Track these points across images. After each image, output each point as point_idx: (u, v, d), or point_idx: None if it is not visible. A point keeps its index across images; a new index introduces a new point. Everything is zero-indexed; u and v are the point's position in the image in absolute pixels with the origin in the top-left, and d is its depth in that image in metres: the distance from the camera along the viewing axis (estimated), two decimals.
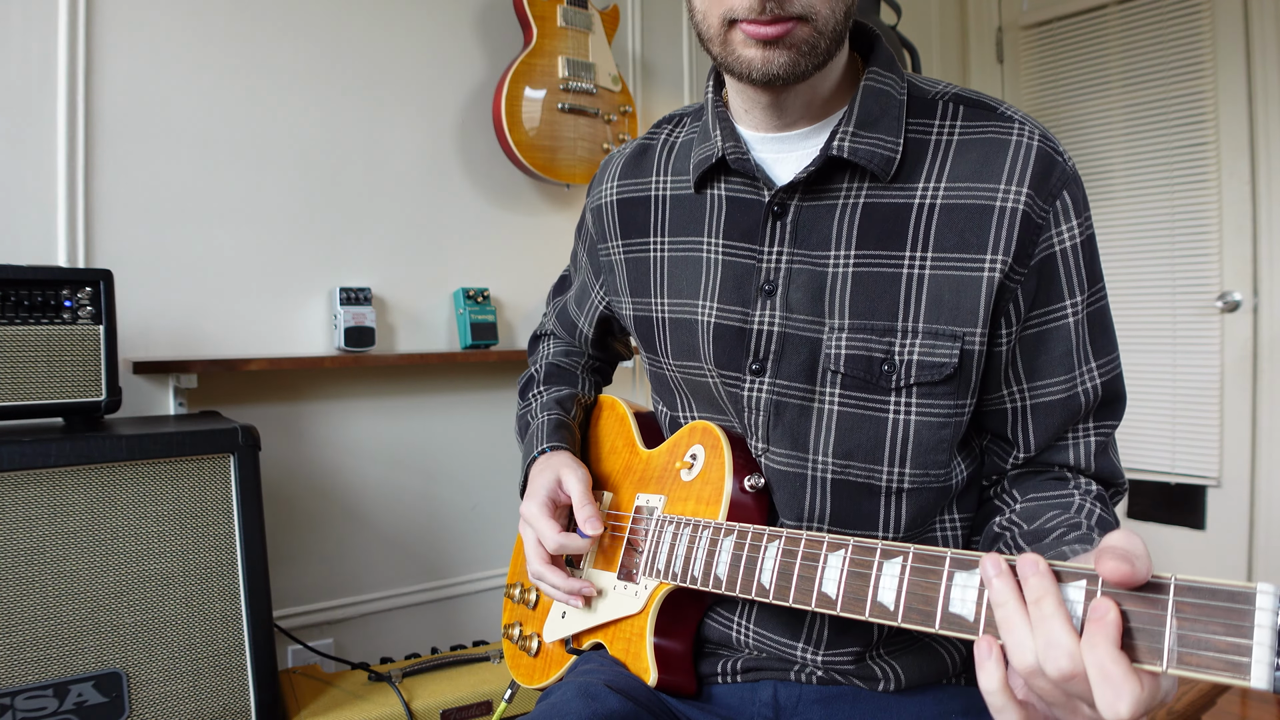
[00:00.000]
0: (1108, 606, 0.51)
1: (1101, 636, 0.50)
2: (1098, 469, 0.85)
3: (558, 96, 2.30)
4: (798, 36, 0.74)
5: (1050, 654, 0.52)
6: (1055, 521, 0.76)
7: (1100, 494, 0.83)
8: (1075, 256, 0.80)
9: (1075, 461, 0.84)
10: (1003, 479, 0.88)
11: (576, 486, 0.93)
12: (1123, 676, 0.49)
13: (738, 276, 0.87)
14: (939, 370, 0.79)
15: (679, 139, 0.97)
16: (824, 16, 0.74)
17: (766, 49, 0.75)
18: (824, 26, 0.74)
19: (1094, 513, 0.78)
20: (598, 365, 1.21)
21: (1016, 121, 0.80)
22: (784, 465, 0.85)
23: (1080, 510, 0.78)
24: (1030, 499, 0.82)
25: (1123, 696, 0.49)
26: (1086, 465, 0.84)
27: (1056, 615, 0.53)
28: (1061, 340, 0.81)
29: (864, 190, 0.81)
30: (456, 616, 2.31)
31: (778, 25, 0.73)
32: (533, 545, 0.94)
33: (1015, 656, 0.54)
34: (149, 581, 1.40)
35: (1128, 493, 2.91)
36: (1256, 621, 0.46)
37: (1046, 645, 0.53)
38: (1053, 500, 0.81)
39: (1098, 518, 0.77)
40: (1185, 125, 2.88)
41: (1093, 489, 0.83)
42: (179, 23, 1.89)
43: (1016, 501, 0.83)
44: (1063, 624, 0.53)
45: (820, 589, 0.69)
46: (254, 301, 2.01)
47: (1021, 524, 0.79)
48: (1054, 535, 0.74)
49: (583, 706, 0.82)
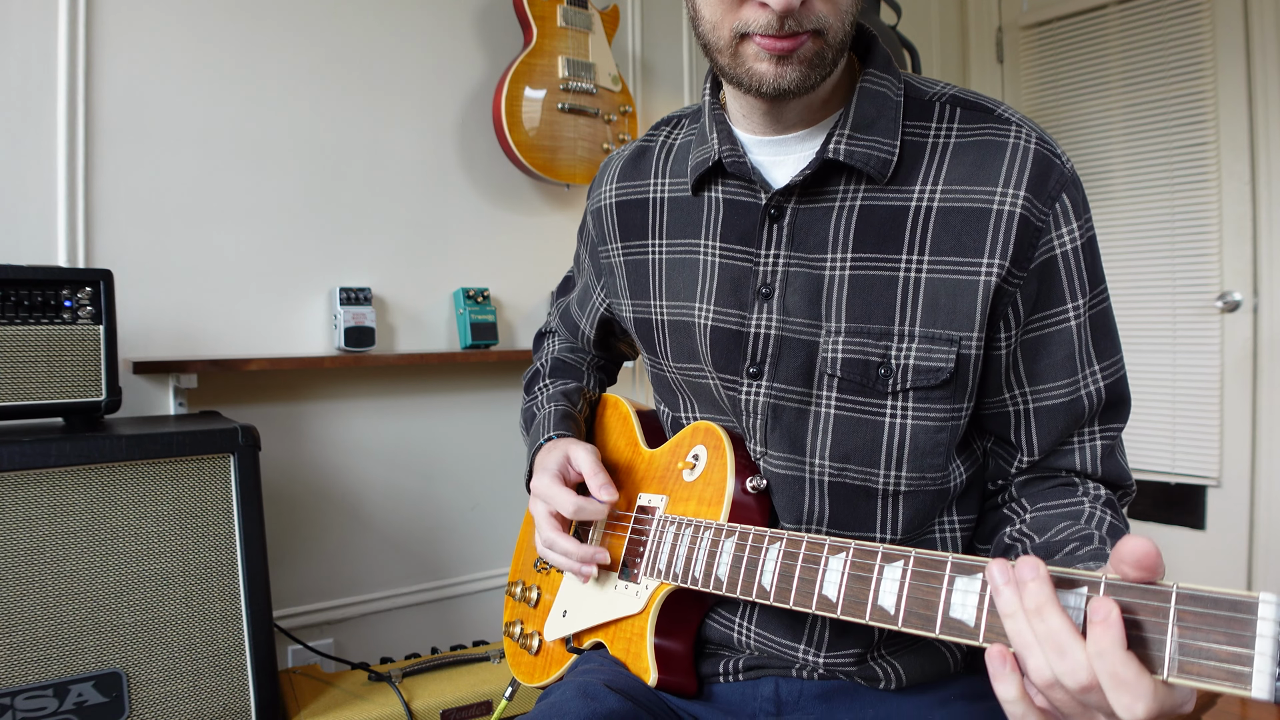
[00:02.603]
0: (1108, 606, 0.50)
1: (1108, 640, 0.50)
2: (1105, 472, 0.84)
3: (558, 96, 2.30)
4: (809, 50, 0.74)
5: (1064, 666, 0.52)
6: (1067, 533, 0.75)
7: (1109, 499, 0.82)
8: (1076, 259, 0.79)
9: (1082, 466, 0.84)
10: (1010, 485, 0.88)
11: (587, 459, 0.93)
12: (1136, 677, 0.49)
13: (735, 279, 0.87)
14: (935, 375, 0.79)
15: (677, 141, 0.97)
16: (835, 29, 0.74)
17: (779, 64, 0.74)
18: (834, 38, 0.74)
19: (1105, 520, 0.77)
20: (602, 364, 1.21)
21: (1014, 124, 0.80)
22: (782, 468, 0.85)
23: (1091, 519, 0.77)
24: (1040, 509, 0.82)
25: (1140, 698, 0.49)
26: (1093, 469, 0.84)
27: (1063, 627, 0.52)
28: (1063, 344, 0.81)
29: (861, 193, 0.81)
30: (456, 616, 2.31)
31: (792, 40, 0.73)
32: (544, 516, 0.93)
33: (1033, 671, 0.54)
34: (149, 581, 1.40)
35: None
36: (1259, 631, 0.46)
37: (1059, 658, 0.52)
38: (1063, 510, 0.80)
39: (1109, 525, 0.77)
40: (1185, 125, 2.88)
41: (1101, 494, 0.82)
42: (179, 23, 1.89)
43: (1026, 511, 0.83)
44: (1071, 634, 0.52)
45: (821, 592, 0.69)
46: (254, 301, 2.00)
47: (1033, 535, 0.79)
48: (1066, 550, 0.73)
49: (582, 706, 0.82)
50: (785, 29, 0.72)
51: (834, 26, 0.74)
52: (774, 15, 0.71)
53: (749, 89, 0.78)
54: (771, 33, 0.72)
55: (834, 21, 0.73)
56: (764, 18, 0.72)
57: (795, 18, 0.71)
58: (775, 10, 0.70)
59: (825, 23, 0.73)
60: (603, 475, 0.92)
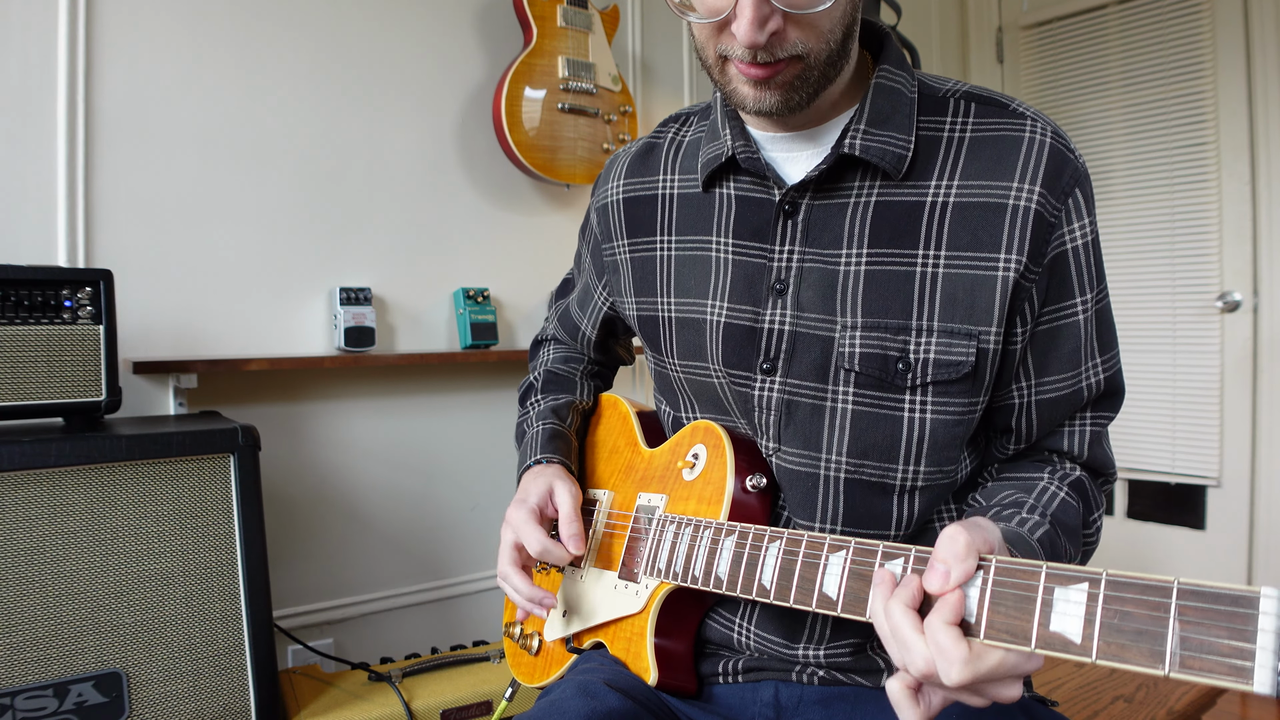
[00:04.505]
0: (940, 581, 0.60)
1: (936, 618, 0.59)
2: (1090, 457, 0.86)
3: (558, 96, 2.30)
4: (788, 75, 0.75)
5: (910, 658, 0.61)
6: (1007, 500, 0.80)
7: (1078, 480, 0.85)
8: (1085, 254, 0.80)
9: (1069, 448, 0.86)
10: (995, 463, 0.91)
11: (567, 503, 0.94)
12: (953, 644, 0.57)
13: (748, 276, 0.87)
14: (956, 369, 0.79)
15: (686, 138, 0.97)
16: (817, 50, 0.74)
17: (758, 89, 0.76)
18: (816, 60, 0.75)
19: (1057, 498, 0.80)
20: (597, 370, 1.20)
21: (1029, 118, 0.80)
22: (796, 465, 0.85)
23: (1043, 495, 0.81)
24: (1001, 478, 0.86)
25: (954, 664, 0.57)
26: (1080, 453, 0.86)
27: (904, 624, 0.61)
28: (1071, 337, 0.82)
29: (876, 188, 0.81)
30: (456, 616, 2.31)
31: (767, 68, 0.74)
32: (507, 546, 0.94)
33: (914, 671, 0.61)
34: (149, 581, 1.40)
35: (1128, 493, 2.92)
36: (1260, 626, 0.46)
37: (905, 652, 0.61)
38: (1018, 481, 0.84)
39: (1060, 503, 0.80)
40: (1185, 125, 2.88)
41: (1072, 475, 0.85)
42: (179, 23, 1.89)
43: (990, 480, 0.87)
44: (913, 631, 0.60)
45: (821, 589, 0.69)
46: (254, 301, 2.00)
47: (981, 500, 0.83)
48: (992, 512, 0.79)
49: (582, 704, 0.82)
50: (759, 59, 0.74)
51: (815, 49, 0.74)
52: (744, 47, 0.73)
53: (737, 106, 0.81)
54: (747, 60, 0.74)
55: (814, 45, 0.74)
56: (739, 49, 0.74)
57: (767, 49, 0.73)
58: (743, 44, 0.72)
59: (804, 48, 0.73)
60: (576, 525, 0.93)
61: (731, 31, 0.72)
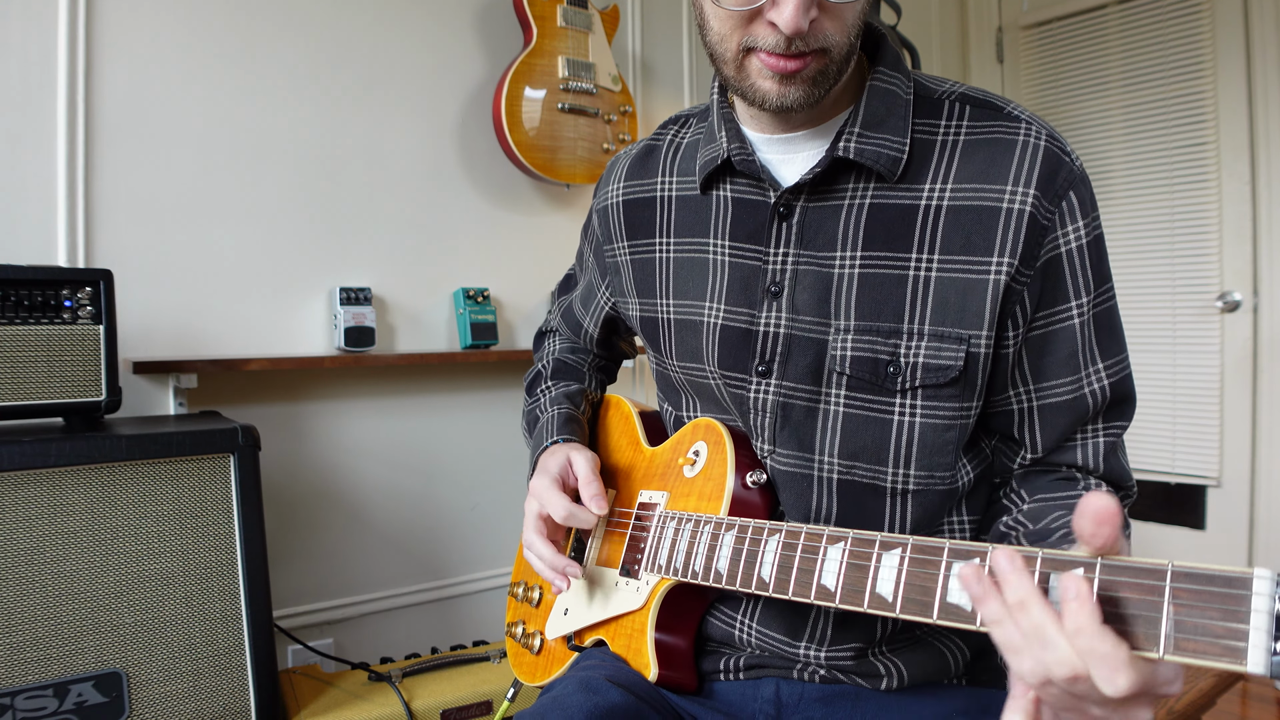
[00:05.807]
0: (1078, 583, 0.50)
1: (1083, 616, 0.50)
2: (1106, 470, 0.84)
3: (558, 96, 2.30)
4: (813, 69, 0.74)
5: (1052, 657, 0.51)
6: (1060, 523, 0.75)
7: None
8: (1081, 257, 0.79)
9: (1084, 462, 0.84)
10: (1011, 478, 0.88)
11: (584, 466, 0.93)
12: (1113, 649, 0.49)
13: (744, 278, 0.87)
14: (944, 373, 0.79)
15: (685, 140, 0.97)
16: (840, 45, 0.74)
17: (783, 84, 0.75)
18: (838, 54, 0.75)
19: None
20: (603, 364, 1.21)
21: (1024, 121, 0.80)
22: (790, 466, 0.85)
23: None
24: (1037, 499, 0.82)
25: (1119, 669, 0.49)
26: (1095, 466, 0.84)
27: (1046, 619, 0.52)
28: (1066, 341, 0.81)
29: (870, 191, 0.81)
30: (456, 616, 2.31)
31: (799, 60, 0.73)
32: (532, 516, 0.94)
33: (1027, 673, 0.54)
34: (149, 581, 1.40)
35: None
36: (1253, 606, 0.46)
37: (1044, 650, 0.52)
38: (1059, 501, 0.80)
39: None
40: (1185, 125, 2.88)
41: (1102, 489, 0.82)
42: (179, 23, 1.90)
43: (1024, 502, 0.83)
44: (1054, 625, 0.52)
45: (819, 581, 0.69)
46: (254, 301, 2.01)
47: (1026, 524, 0.79)
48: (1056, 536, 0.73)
49: (584, 700, 0.82)
50: (793, 49, 0.72)
51: (839, 44, 0.74)
52: (783, 36, 0.71)
53: (753, 103, 0.78)
54: (779, 51, 0.73)
55: (839, 39, 0.74)
56: (773, 37, 0.72)
57: (803, 39, 0.72)
58: (785, 32, 0.70)
59: (831, 41, 0.73)
60: (596, 485, 0.92)
61: (768, 20, 0.71)
